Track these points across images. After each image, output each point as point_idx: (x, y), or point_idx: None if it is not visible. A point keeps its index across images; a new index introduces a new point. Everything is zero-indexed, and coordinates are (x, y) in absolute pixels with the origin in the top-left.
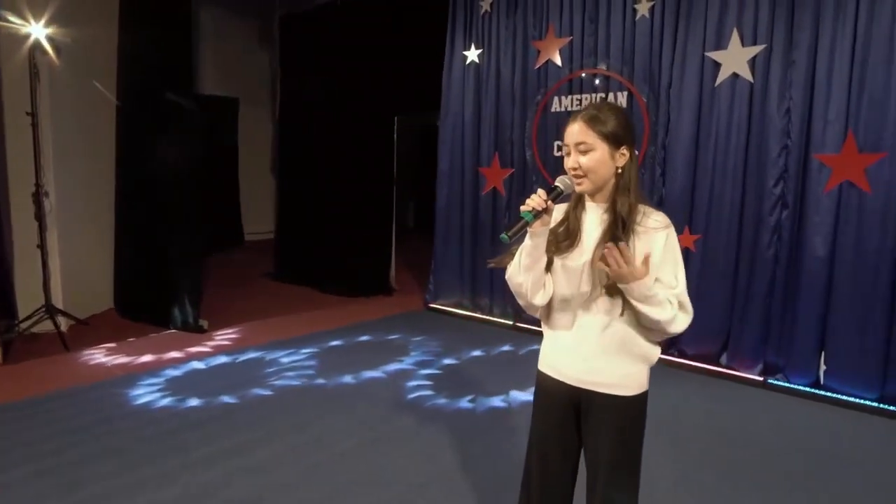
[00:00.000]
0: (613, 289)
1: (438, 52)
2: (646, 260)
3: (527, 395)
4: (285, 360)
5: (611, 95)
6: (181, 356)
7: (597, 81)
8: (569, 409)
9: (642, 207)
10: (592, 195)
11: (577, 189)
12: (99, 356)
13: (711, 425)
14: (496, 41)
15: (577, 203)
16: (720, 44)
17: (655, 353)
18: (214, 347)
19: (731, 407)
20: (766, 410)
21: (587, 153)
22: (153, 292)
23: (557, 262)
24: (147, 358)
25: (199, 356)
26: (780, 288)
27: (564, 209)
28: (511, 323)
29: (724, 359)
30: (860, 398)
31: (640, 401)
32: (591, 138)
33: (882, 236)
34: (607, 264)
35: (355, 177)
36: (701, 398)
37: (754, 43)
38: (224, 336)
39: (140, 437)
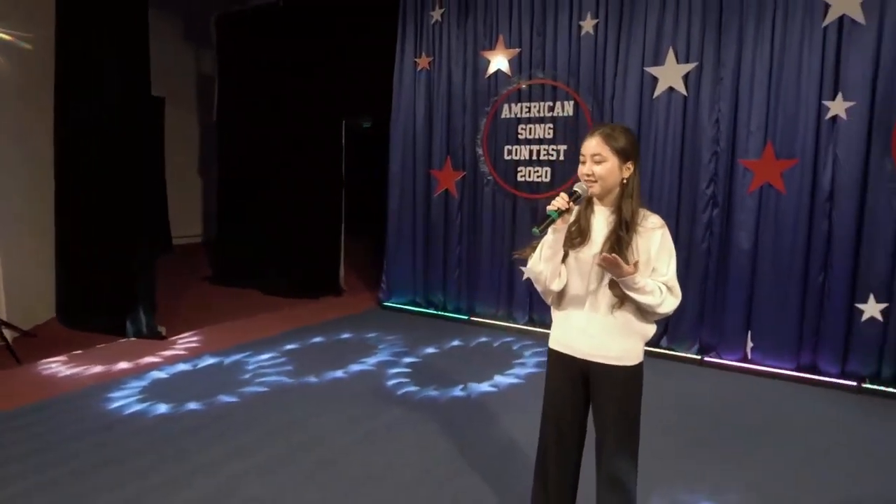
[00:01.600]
0: (613, 284)
1: (386, 56)
2: (636, 263)
3: (510, 380)
4: (259, 361)
5: (558, 104)
6: (150, 363)
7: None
8: (578, 378)
9: (642, 211)
10: (601, 199)
11: (590, 191)
12: (60, 368)
13: (662, 398)
14: (447, 50)
15: (587, 206)
16: (657, 60)
17: (651, 330)
18: (189, 350)
19: (675, 382)
20: (705, 384)
21: (601, 163)
22: (105, 300)
23: (571, 255)
24: (114, 366)
25: (169, 362)
26: (713, 277)
27: (576, 212)
28: (466, 318)
29: (664, 341)
30: (780, 369)
31: (638, 370)
32: (606, 151)
33: (795, 231)
34: (605, 265)
35: (302, 179)
36: (649, 376)
37: (687, 61)
38: (185, 342)
39: (136, 447)
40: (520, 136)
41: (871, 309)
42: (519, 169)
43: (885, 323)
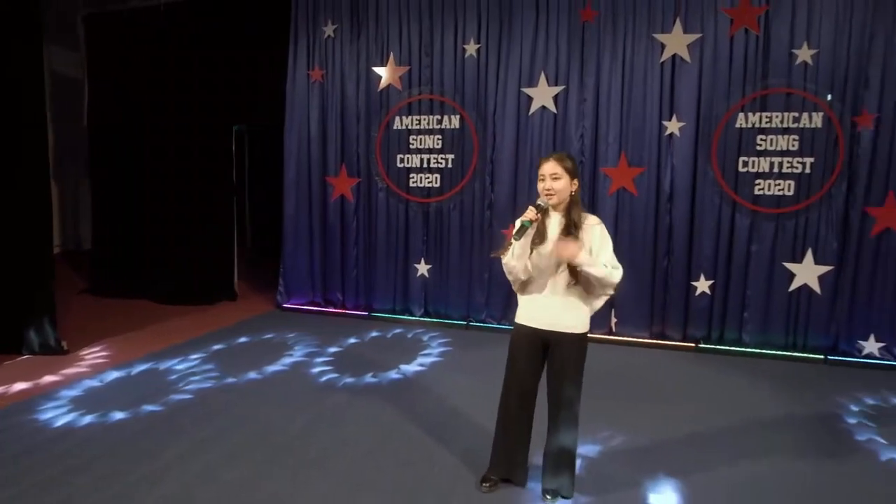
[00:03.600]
0: (572, 269)
1: (277, 64)
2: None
3: (431, 359)
4: (180, 367)
5: (445, 118)
6: (74, 374)
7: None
8: (539, 344)
9: (584, 214)
10: (555, 208)
11: (549, 202)
12: None
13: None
14: (340, 64)
15: (544, 214)
16: (532, 82)
17: (599, 303)
18: (106, 361)
19: None
20: None
21: (558, 180)
22: None
23: (534, 252)
24: (39, 381)
25: (87, 375)
26: None
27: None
28: (366, 314)
29: None
30: (638, 338)
31: (585, 336)
32: (560, 171)
33: (645, 226)
34: (559, 248)
35: (190, 185)
36: None
37: (556, 83)
38: (94, 355)
39: (95, 453)
40: (411, 146)
41: (702, 285)
42: (411, 176)
43: (711, 296)
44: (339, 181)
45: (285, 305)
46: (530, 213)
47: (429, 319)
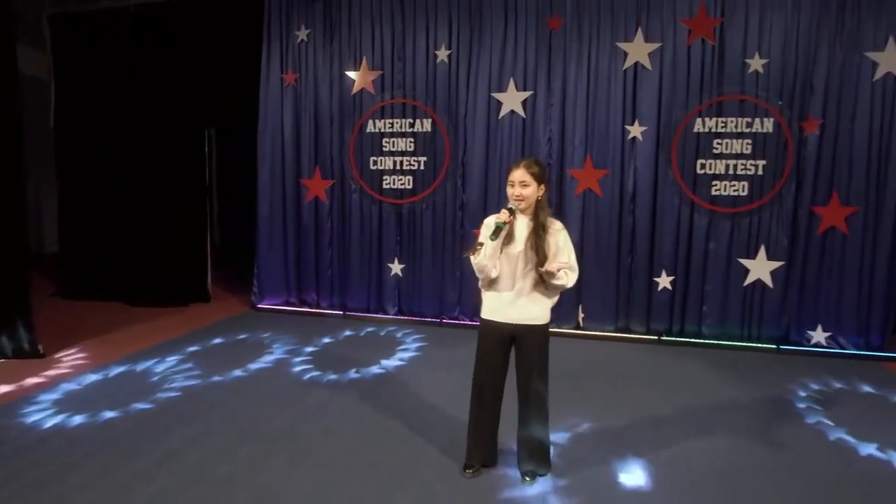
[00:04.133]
0: (539, 276)
1: (249, 67)
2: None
3: (409, 354)
4: (160, 368)
5: (418, 121)
6: (57, 375)
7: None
8: (506, 338)
9: (550, 219)
10: (523, 211)
11: (518, 207)
12: None
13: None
14: (313, 68)
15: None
16: (501, 87)
17: (555, 299)
18: (84, 363)
19: None
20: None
21: (526, 187)
22: None
23: (504, 251)
24: (22, 383)
25: (67, 378)
26: None
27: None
28: (341, 314)
29: None
30: (604, 332)
31: (547, 326)
32: (528, 178)
33: (609, 225)
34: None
35: (162, 187)
36: None
37: (525, 89)
38: (71, 357)
39: (88, 451)
40: (384, 149)
41: (664, 281)
42: (384, 178)
43: (672, 291)
44: (313, 183)
45: (259, 306)
46: (504, 215)
47: (403, 317)
